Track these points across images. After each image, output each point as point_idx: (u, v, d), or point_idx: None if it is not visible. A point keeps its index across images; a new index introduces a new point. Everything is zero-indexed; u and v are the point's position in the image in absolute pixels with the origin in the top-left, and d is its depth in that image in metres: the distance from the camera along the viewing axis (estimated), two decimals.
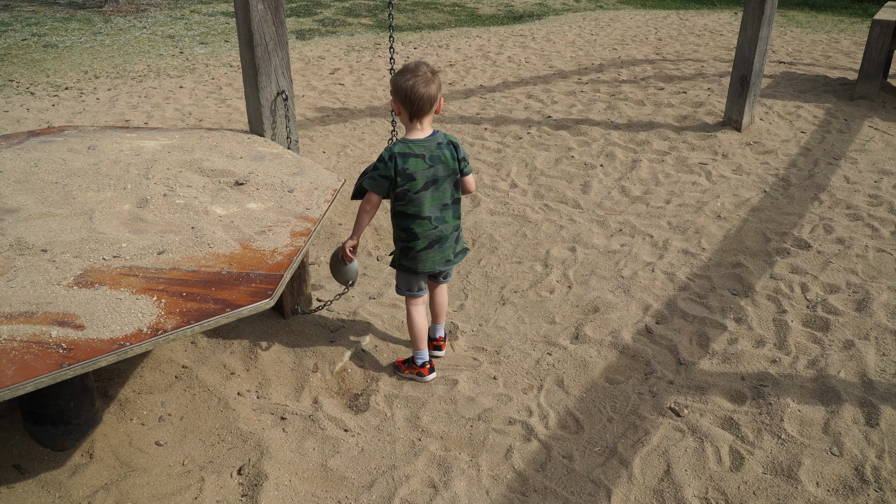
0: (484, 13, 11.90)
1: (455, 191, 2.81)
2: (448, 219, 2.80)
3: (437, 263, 2.86)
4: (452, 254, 2.89)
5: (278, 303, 3.25)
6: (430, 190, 2.71)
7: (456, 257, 2.92)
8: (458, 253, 2.93)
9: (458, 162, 2.74)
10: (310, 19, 10.55)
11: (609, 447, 2.55)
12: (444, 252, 2.85)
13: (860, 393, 2.74)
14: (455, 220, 2.84)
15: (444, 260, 2.87)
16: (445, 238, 2.82)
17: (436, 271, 2.90)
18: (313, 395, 2.82)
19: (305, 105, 6.40)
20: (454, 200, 2.81)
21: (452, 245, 2.87)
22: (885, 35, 5.96)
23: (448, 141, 2.74)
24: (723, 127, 5.52)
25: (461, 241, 2.95)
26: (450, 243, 2.85)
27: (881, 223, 4.05)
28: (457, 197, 2.83)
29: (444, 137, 2.75)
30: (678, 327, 3.25)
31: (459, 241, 2.93)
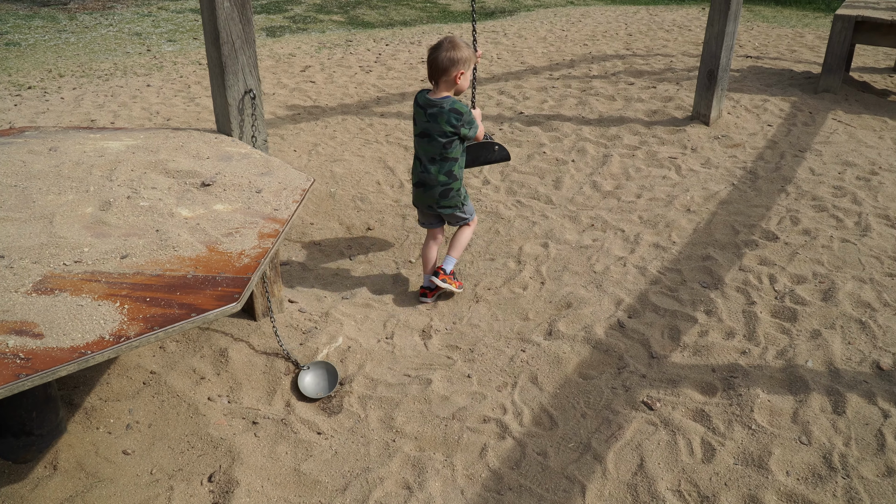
0: (456, 9, 11.88)
1: (445, 151, 3.27)
2: (433, 171, 3.32)
3: (421, 202, 3.47)
4: (435, 203, 3.40)
5: (249, 305, 3.21)
6: (424, 140, 3.30)
7: (440, 208, 3.42)
8: (442, 206, 3.41)
9: (455, 128, 3.21)
10: (280, 16, 10.45)
11: (583, 443, 2.56)
12: (427, 197, 3.40)
13: (827, 382, 2.79)
14: (441, 176, 3.32)
15: (426, 203, 3.44)
16: (429, 186, 3.36)
17: (422, 209, 3.52)
18: (286, 399, 2.80)
19: (276, 103, 6.34)
20: (442, 158, 3.29)
21: (436, 196, 3.37)
22: (846, 29, 6.05)
23: (451, 108, 3.20)
24: (691, 121, 5.57)
25: (451, 199, 3.39)
26: (433, 192, 3.36)
27: (845, 214, 4.11)
28: (448, 156, 3.28)
29: (451, 105, 3.20)
30: (650, 321, 3.27)
31: (447, 198, 3.38)
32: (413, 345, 3.18)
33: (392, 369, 2.99)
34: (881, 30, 6.08)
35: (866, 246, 3.78)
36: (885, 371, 2.84)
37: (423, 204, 3.47)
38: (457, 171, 3.37)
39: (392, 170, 4.97)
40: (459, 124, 3.22)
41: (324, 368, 2.94)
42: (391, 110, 6.22)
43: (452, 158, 3.31)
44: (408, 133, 5.66)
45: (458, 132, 3.24)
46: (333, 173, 4.83)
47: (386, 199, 4.56)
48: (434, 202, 3.40)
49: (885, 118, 5.84)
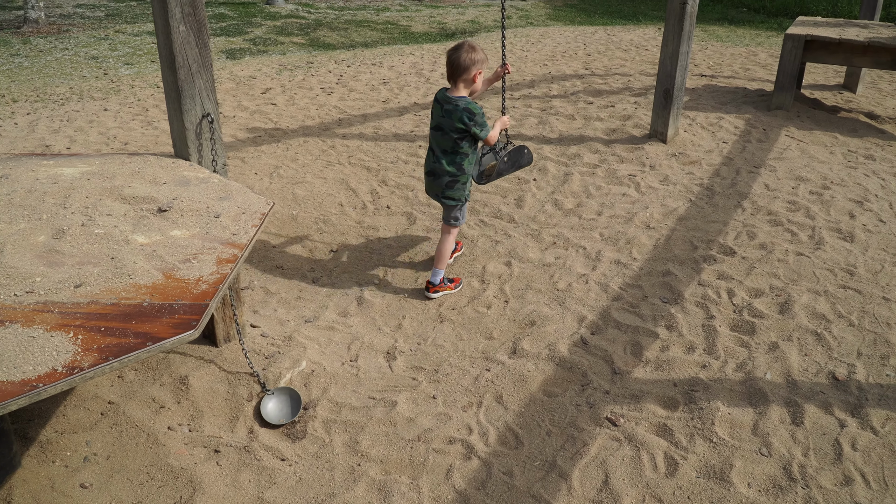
0: (417, 30, 11.97)
1: (457, 146, 3.54)
2: (443, 163, 3.60)
3: (429, 189, 3.76)
4: (441, 192, 3.67)
5: (210, 331, 3.16)
6: (437, 133, 3.57)
7: (444, 198, 3.68)
8: (446, 196, 3.67)
9: (467, 126, 3.44)
10: (240, 38, 10.41)
11: (548, 461, 2.56)
12: (435, 186, 3.68)
13: (785, 393, 2.84)
14: (449, 167, 3.59)
15: (434, 192, 3.73)
16: (438, 175, 3.63)
17: (430, 196, 3.79)
18: (248, 425, 2.76)
19: (236, 126, 6.30)
20: (453, 151, 3.56)
21: (442, 186, 3.64)
22: (797, 48, 6.24)
23: (465, 107, 3.43)
24: (649, 139, 5.68)
25: (455, 190, 3.65)
26: (440, 181, 3.64)
27: (799, 228, 4.22)
28: (458, 150, 3.55)
29: (465, 104, 3.44)
30: (612, 337, 3.30)
31: (453, 189, 3.65)
32: (378, 367, 3.16)
33: (357, 392, 2.97)
34: (829, 48, 6.28)
35: (820, 259, 3.88)
36: (840, 381, 2.90)
37: (431, 192, 3.77)
38: (465, 166, 3.63)
39: (354, 191, 4.96)
40: (471, 123, 3.45)
41: (287, 394, 2.90)
42: (353, 132, 6.23)
43: (462, 153, 3.58)
44: (370, 154, 5.67)
45: (470, 130, 3.47)
46: (295, 196, 4.81)
47: (349, 220, 4.55)
48: (440, 191, 3.68)
49: (836, 134, 6.02)
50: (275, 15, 12.70)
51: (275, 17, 12.41)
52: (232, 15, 12.46)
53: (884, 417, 2.70)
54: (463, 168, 3.62)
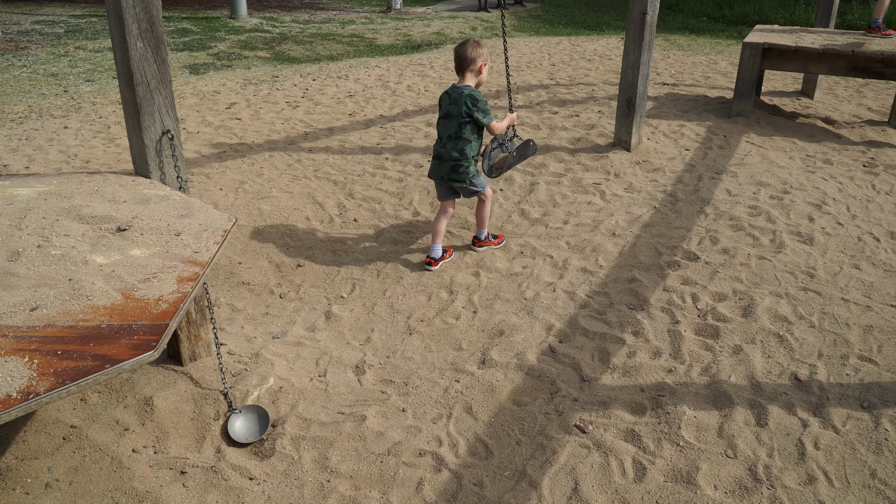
0: (382, 43, 11.99)
1: (461, 131, 3.89)
2: (448, 147, 3.95)
3: (435, 173, 4.08)
4: (447, 175, 4.00)
5: (175, 350, 3.12)
6: (445, 120, 3.95)
7: (450, 181, 4.01)
8: (452, 179, 4.00)
9: (470, 110, 3.83)
10: (204, 53, 10.34)
11: (519, 470, 2.57)
12: (440, 169, 4.01)
13: (750, 395, 2.88)
14: (453, 152, 3.93)
15: (439, 174, 4.04)
16: (443, 159, 3.97)
17: (437, 181, 4.12)
18: (216, 445, 2.72)
19: (201, 141, 6.24)
20: (457, 137, 3.91)
21: (447, 169, 3.97)
22: (754, 56, 6.38)
23: (469, 93, 3.85)
24: (614, 147, 5.75)
25: (459, 174, 3.96)
26: (445, 165, 3.97)
27: (761, 232, 4.29)
28: (462, 136, 3.90)
29: (470, 91, 3.87)
30: (580, 345, 3.32)
31: (457, 172, 3.96)
32: (347, 381, 3.14)
33: (325, 407, 2.95)
34: (786, 55, 6.42)
35: (781, 262, 3.95)
36: (802, 382, 2.96)
37: (437, 175, 4.06)
38: (468, 151, 3.95)
39: (321, 205, 4.94)
40: (474, 108, 3.84)
41: (255, 411, 2.87)
42: (319, 145, 6.21)
43: (466, 139, 3.92)
44: (336, 167, 5.65)
45: (472, 115, 3.84)
46: (261, 211, 4.77)
47: (316, 234, 4.53)
48: (445, 174, 4.01)
49: (795, 139, 6.15)
50: (239, 29, 12.64)
51: (239, 32, 12.35)
52: (195, 30, 12.37)
53: (845, 416, 2.75)
54: (466, 154, 3.94)
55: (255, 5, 16.43)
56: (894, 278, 3.81)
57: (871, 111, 7.52)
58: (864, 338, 3.26)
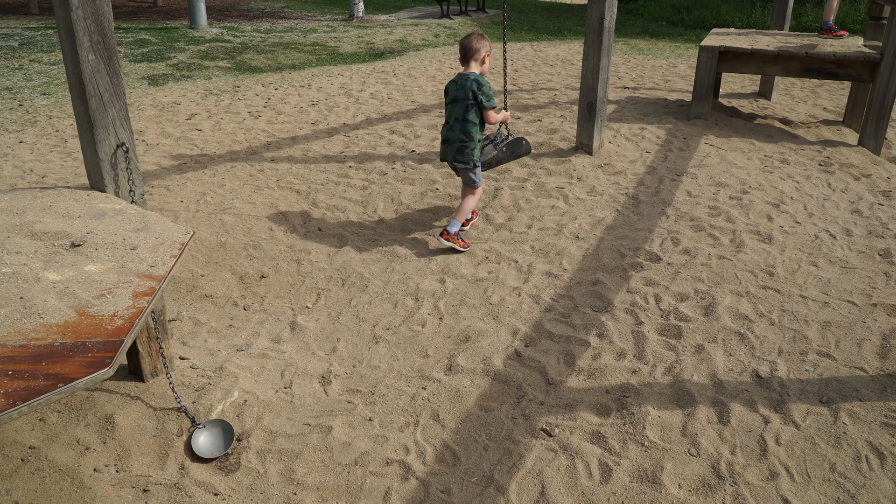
0: (345, 51, 11.97)
1: (466, 113, 4.21)
2: (455, 129, 4.27)
3: (443, 156, 4.39)
4: (451, 156, 4.31)
5: (137, 366, 3.07)
6: (451, 105, 4.30)
7: (455, 161, 4.32)
8: (457, 160, 4.30)
9: (475, 94, 4.17)
10: (163, 64, 10.21)
11: (486, 476, 2.57)
12: (447, 151, 4.33)
13: (712, 393, 2.92)
14: (459, 134, 4.25)
15: (447, 157, 4.36)
16: (450, 141, 4.30)
17: (445, 161, 4.42)
18: (179, 461, 2.68)
19: (160, 153, 6.15)
20: (463, 119, 4.23)
21: (454, 151, 4.29)
22: (711, 59, 6.49)
23: (475, 78, 4.21)
24: (576, 151, 5.80)
25: (465, 155, 4.27)
26: (451, 147, 4.29)
27: (721, 232, 4.36)
28: (467, 119, 4.22)
29: (475, 76, 4.23)
30: (546, 348, 3.34)
31: (462, 154, 4.27)
32: (313, 392, 3.12)
33: (291, 419, 2.92)
34: (742, 58, 6.55)
35: (741, 261, 4.02)
36: (763, 379, 3.00)
37: (445, 158, 4.38)
38: (474, 133, 4.25)
39: (284, 215, 4.90)
40: (479, 91, 4.17)
41: (219, 426, 2.83)
42: (282, 155, 6.17)
43: (471, 121, 4.23)
44: (299, 177, 5.61)
45: (477, 98, 4.17)
46: (223, 222, 4.72)
47: (279, 245, 4.49)
48: (452, 155, 4.30)
49: (753, 140, 6.26)
50: (199, 39, 12.51)
51: (199, 42, 12.22)
52: (154, 40, 12.21)
53: (805, 411, 2.80)
54: (471, 135, 4.25)
55: (215, 15, 16.28)
56: (850, 274, 3.89)
57: (827, 111, 7.70)
58: (823, 334, 3.33)
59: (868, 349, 3.20)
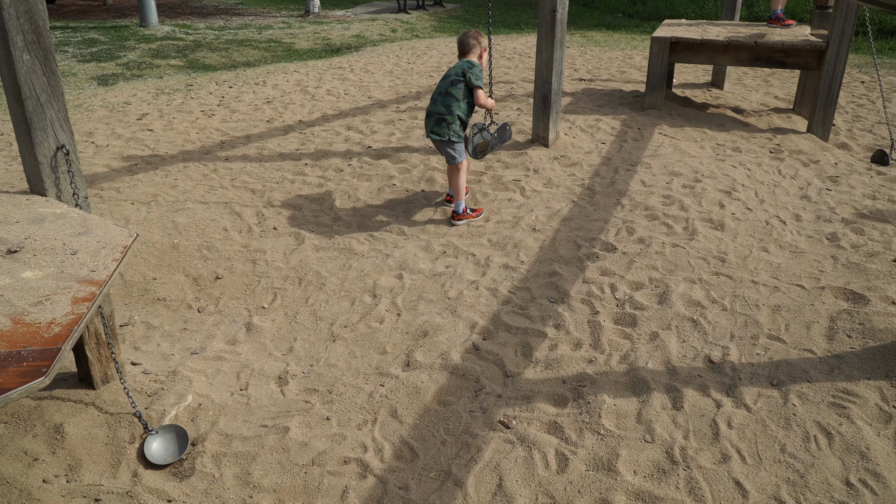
0: (301, 48, 11.84)
1: (451, 87, 4.40)
2: (437, 102, 4.45)
3: (426, 128, 4.51)
4: (429, 128, 4.45)
5: (87, 373, 3.00)
6: (441, 82, 4.50)
7: (432, 133, 4.44)
8: (434, 132, 4.43)
9: (465, 72, 4.39)
10: (113, 63, 9.98)
11: (444, 470, 2.56)
12: (428, 124, 4.48)
13: (666, 380, 2.96)
14: (440, 107, 4.41)
15: (427, 129, 4.48)
16: (430, 114, 4.46)
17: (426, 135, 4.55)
18: (132, 469, 2.62)
19: (111, 155, 6.02)
20: (447, 93, 4.40)
21: (432, 123, 4.43)
22: (663, 50, 6.57)
23: (468, 60, 4.48)
24: (532, 144, 5.82)
25: (441, 128, 4.39)
26: (431, 119, 4.45)
27: (674, 220, 4.42)
28: (450, 93, 4.39)
29: (471, 60, 4.48)
30: (503, 340, 3.35)
31: (439, 126, 4.40)
32: (269, 393, 3.08)
33: (248, 422, 2.88)
34: (693, 48, 6.64)
35: (694, 249, 4.08)
36: (716, 364, 3.05)
37: (426, 130, 4.49)
38: (454, 108, 4.39)
39: (239, 214, 4.84)
40: (470, 71, 4.38)
41: (173, 431, 2.78)
42: (236, 154, 6.08)
43: (454, 96, 4.38)
44: (254, 175, 5.54)
45: (466, 76, 4.37)
46: (176, 224, 4.64)
47: (234, 245, 4.43)
48: (429, 128, 4.43)
49: (705, 129, 6.36)
50: (150, 38, 12.26)
51: (150, 40, 11.98)
52: (103, 39, 11.94)
53: (756, 394, 2.86)
54: (451, 110, 4.38)
55: (167, 13, 15.97)
56: (800, 258, 3.98)
57: (778, 99, 7.86)
58: (773, 317, 3.39)
59: (816, 331, 3.27)
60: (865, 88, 8.39)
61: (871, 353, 3.08)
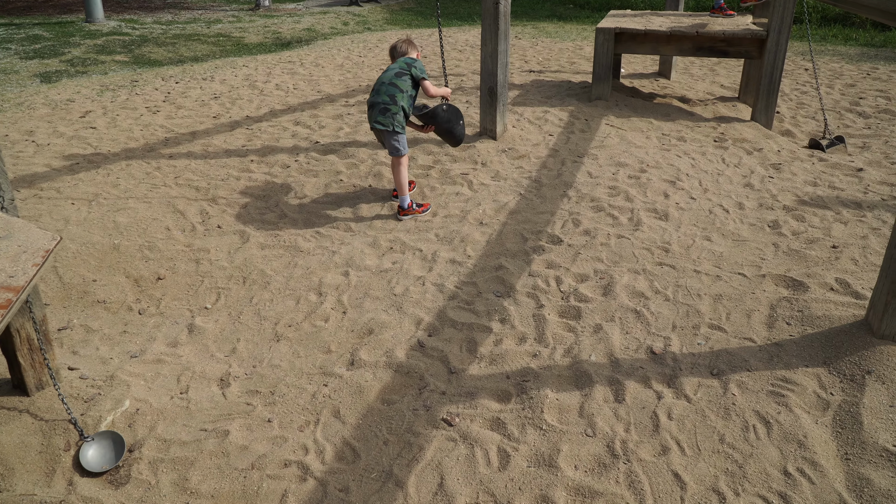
0: (251, 42, 11.65)
1: (395, 79, 4.40)
2: (380, 93, 4.41)
3: (369, 120, 4.47)
4: (374, 118, 4.42)
5: (20, 380, 2.90)
6: (383, 73, 4.50)
7: (376, 122, 4.40)
8: (378, 121, 4.40)
9: (408, 66, 4.44)
10: (56, 60, 9.69)
11: (385, 471, 2.54)
12: (372, 115, 4.44)
13: (609, 372, 2.98)
14: (384, 97, 4.38)
15: (371, 120, 4.46)
16: (374, 105, 4.43)
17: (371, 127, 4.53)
18: (67, 477, 2.55)
19: (51, 154, 5.84)
20: (390, 83, 4.40)
21: (376, 113, 4.40)
22: (608, 41, 6.61)
23: (406, 57, 4.54)
24: (480, 137, 5.81)
25: (386, 117, 4.38)
26: (376, 110, 4.41)
27: (619, 211, 4.46)
28: (394, 83, 4.39)
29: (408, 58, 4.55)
30: (448, 337, 3.34)
31: (383, 115, 4.37)
32: (210, 396, 3.02)
33: (187, 426, 2.82)
34: (637, 39, 6.69)
35: (639, 239, 4.11)
36: (657, 355, 3.08)
37: (370, 121, 4.46)
38: (398, 99, 4.37)
39: (183, 213, 4.73)
40: (413, 64, 4.46)
41: (109, 437, 2.71)
42: (181, 151, 5.95)
43: (398, 87, 4.39)
44: (198, 173, 5.43)
45: (410, 70, 4.42)
46: (117, 224, 4.51)
47: (177, 244, 4.33)
48: (374, 118, 4.40)
49: (651, 119, 6.42)
50: (95, 33, 11.93)
51: (95, 36, 11.66)
52: (47, 36, 11.58)
53: (696, 385, 2.89)
54: (396, 100, 4.37)
55: (113, 7, 15.57)
56: (742, 247, 4.04)
57: (724, 87, 7.98)
58: (714, 307, 3.44)
59: (757, 319, 3.32)
60: (809, 76, 8.58)
61: (810, 339, 3.15)
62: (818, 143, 5.83)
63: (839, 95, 7.61)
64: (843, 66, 9.05)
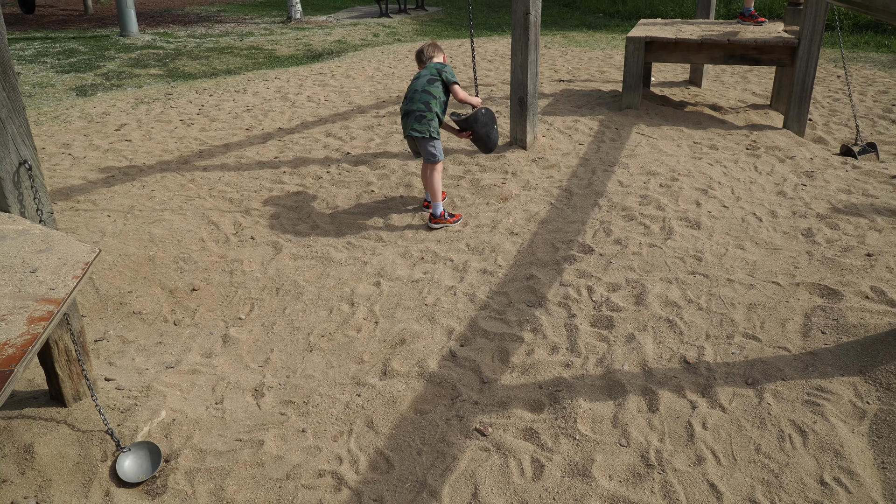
0: (282, 54, 11.80)
1: (428, 86, 4.43)
2: (414, 100, 4.44)
3: (404, 129, 4.52)
4: (409, 126, 4.43)
5: (57, 391, 2.96)
6: (413, 82, 4.51)
7: (412, 130, 4.42)
8: (414, 129, 4.41)
9: (438, 72, 4.46)
10: (91, 73, 9.92)
11: (419, 481, 2.55)
12: (408, 123, 4.46)
13: (642, 382, 2.95)
14: (418, 104, 4.41)
15: (406, 130, 4.48)
16: (409, 113, 4.45)
17: (405, 136, 4.56)
18: (104, 488, 2.59)
19: (87, 167, 5.97)
20: (423, 91, 4.42)
21: (412, 121, 4.42)
22: (639, 50, 6.58)
23: (436, 62, 4.57)
24: (510, 147, 5.81)
25: (422, 124, 4.39)
26: (410, 118, 4.43)
27: (651, 220, 4.42)
28: (428, 90, 4.42)
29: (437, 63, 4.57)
30: (480, 346, 3.33)
31: (419, 122, 4.39)
32: (245, 406, 3.05)
33: (222, 436, 2.85)
34: (668, 48, 6.65)
35: (671, 248, 4.08)
36: (691, 364, 3.05)
37: (404, 130, 4.49)
38: (433, 105, 4.41)
39: (216, 225, 4.80)
40: (442, 70, 4.46)
41: (146, 448, 2.75)
42: (214, 163, 6.04)
43: (432, 94, 4.41)
44: (232, 185, 5.51)
45: (441, 75, 4.44)
46: (152, 235, 4.60)
47: (211, 256, 4.39)
48: (409, 126, 4.41)
49: (682, 127, 6.37)
50: (130, 47, 12.19)
51: (130, 49, 11.91)
52: (82, 49, 11.86)
53: (731, 394, 2.85)
54: (430, 107, 4.40)
55: (148, 21, 15.89)
56: (775, 255, 3.99)
57: (756, 95, 7.90)
58: (749, 316, 3.39)
59: (791, 328, 3.27)
60: (841, 83, 8.44)
61: (845, 348, 3.09)
62: (850, 149, 5.74)
63: (872, 102, 7.48)
64: (876, 73, 8.90)
